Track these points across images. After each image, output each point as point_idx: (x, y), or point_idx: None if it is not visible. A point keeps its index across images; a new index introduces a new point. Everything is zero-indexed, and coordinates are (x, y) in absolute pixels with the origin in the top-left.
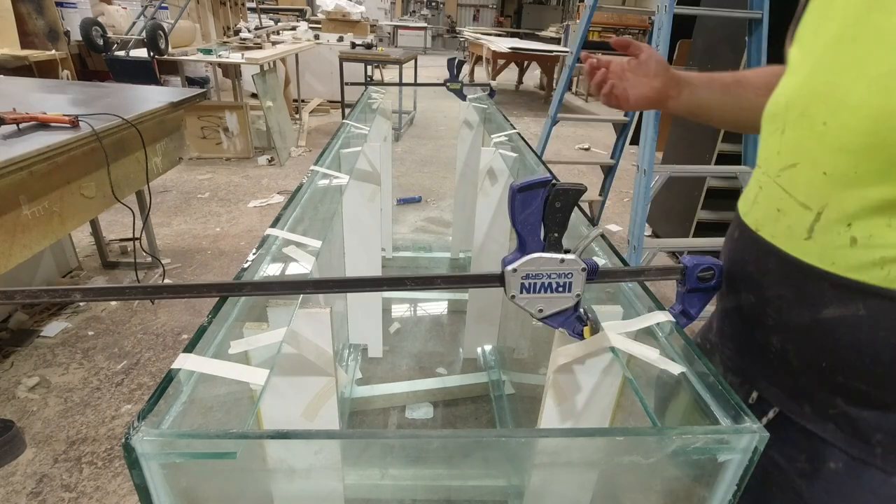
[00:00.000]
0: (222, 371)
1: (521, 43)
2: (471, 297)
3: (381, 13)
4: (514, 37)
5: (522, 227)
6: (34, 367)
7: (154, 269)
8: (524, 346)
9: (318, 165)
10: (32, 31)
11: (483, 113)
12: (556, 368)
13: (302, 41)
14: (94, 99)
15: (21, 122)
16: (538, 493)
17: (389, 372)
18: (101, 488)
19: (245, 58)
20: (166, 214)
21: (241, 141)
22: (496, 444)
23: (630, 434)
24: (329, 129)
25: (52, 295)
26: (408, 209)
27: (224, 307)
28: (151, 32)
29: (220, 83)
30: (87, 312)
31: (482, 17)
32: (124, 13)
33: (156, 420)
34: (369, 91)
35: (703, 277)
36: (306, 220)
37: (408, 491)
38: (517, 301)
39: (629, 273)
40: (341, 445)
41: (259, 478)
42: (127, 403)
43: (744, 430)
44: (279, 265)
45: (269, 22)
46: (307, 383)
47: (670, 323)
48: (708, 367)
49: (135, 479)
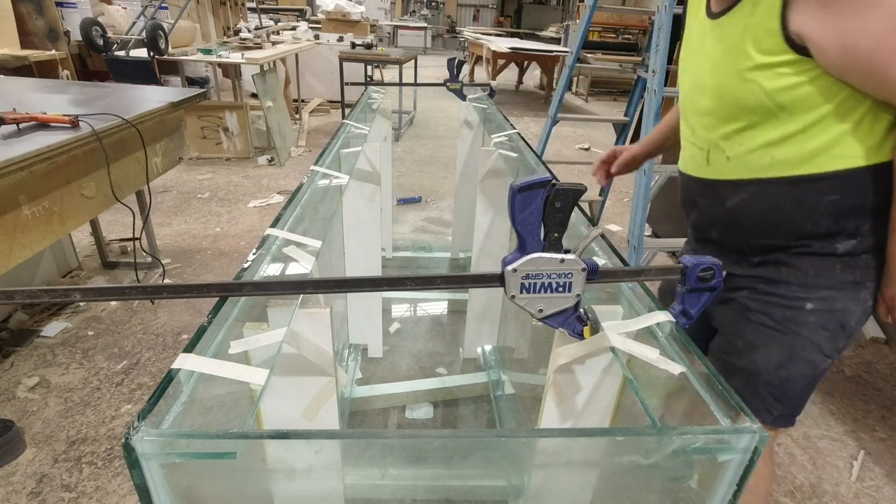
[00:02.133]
0: (222, 371)
1: (521, 43)
2: (471, 297)
3: (381, 13)
4: (514, 37)
5: (522, 227)
6: (34, 367)
7: (154, 269)
8: (524, 346)
9: (318, 165)
10: (32, 31)
11: (483, 113)
12: (556, 368)
13: (302, 41)
14: (94, 99)
15: (21, 122)
16: (538, 493)
17: (389, 372)
18: (101, 488)
19: (245, 58)
20: (166, 214)
21: (241, 141)
22: (496, 444)
23: (630, 434)
24: (329, 129)
25: (52, 295)
26: (408, 209)
27: (224, 307)
28: (151, 32)
29: (220, 83)
30: (87, 312)
31: (482, 17)
32: (124, 13)
33: (156, 420)
34: (369, 91)
35: (703, 277)
36: (306, 220)
37: (408, 491)
38: (517, 301)
39: (629, 273)
40: (341, 445)
41: (259, 478)
42: (127, 403)
43: (744, 430)
44: (279, 265)
45: (269, 22)
46: (307, 383)
47: (670, 323)
48: (708, 368)
49: (135, 479)
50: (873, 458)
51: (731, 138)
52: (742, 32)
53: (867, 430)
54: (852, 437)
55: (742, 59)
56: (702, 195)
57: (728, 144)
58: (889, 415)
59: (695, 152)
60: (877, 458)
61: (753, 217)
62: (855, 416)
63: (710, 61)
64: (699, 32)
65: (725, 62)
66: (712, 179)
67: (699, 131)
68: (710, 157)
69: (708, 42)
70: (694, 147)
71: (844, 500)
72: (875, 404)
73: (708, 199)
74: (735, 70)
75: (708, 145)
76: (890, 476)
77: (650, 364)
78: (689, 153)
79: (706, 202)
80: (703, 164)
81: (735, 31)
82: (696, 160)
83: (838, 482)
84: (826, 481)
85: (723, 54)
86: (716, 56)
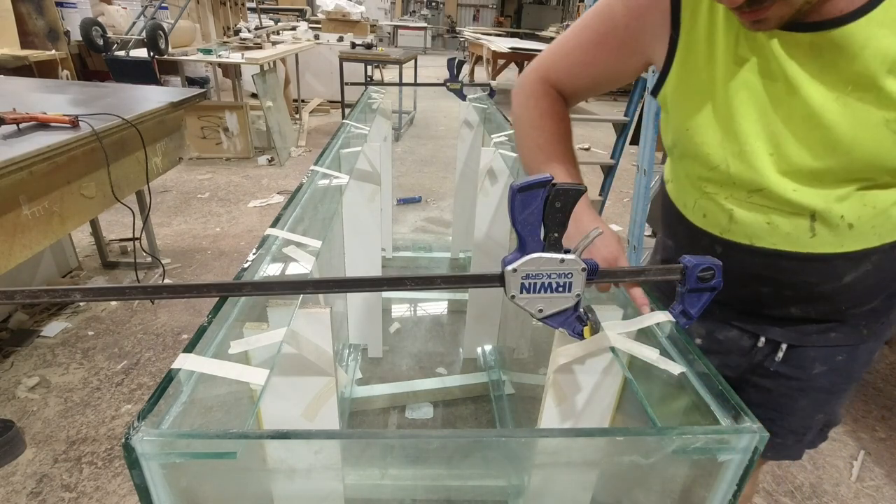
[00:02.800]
0: (222, 371)
1: (521, 43)
2: (471, 297)
3: (381, 13)
4: (513, 37)
5: (522, 227)
6: (34, 367)
7: (154, 269)
8: (524, 346)
9: (318, 165)
10: (32, 31)
11: (483, 113)
12: (556, 368)
13: (302, 41)
14: (94, 99)
15: (21, 122)
16: (538, 493)
17: (389, 372)
18: (101, 488)
19: (245, 58)
20: (166, 214)
21: (241, 141)
22: (496, 444)
23: (630, 434)
24: (329, 129)
25: (52, 295)
26: (408, 209)
27: (224, 307)
28: (151, 32)
29: (220, 83)
30: (87, 312)
31: (482, 17)
32: (124, 13)
33: (156, 420)
34: (369, 91)
35: (703, 277)
36: (306, 220)
37: (408, 491)
38: (517, 301)
39: (629, 273)
40: (341, 445)
41: (259, 478)
42: (127, 403)
43: (744, 430)
44: (279, 265)
45: (269, 22)
46: (307, 383)
47: (670, 323)
48: (708, 368)
49: (135, 479)
50: (873, 458)
51: (848, 199)
52: (880, 57)
53: (867, 430)
54: (852, 437)
55: (884, 102)
56: (800, 273)
57: (847, 208)
58: (889, 415)
59: (777, 220)
60: (877, 458)
61: (871, 287)
62: (855, 416)
63: (806, 99)
64: (747, 49)
65: (848, 104)
66: (823, 254)
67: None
68: (817, 226)
69: (790, 67)
70: (772, 213)
71: (844, 500)
72: (875, 404)
73: (814, 277)
74: (875, 119)
75: (810, 211)
76: (890, 476)
77: (650, 364)
78: (762, 220)
79: (809, 280)
80: (804, 235)
81: (867, 54)
82: (781, 230)
83: (838, 482)
84: (826, 481)
85: (844, 90)
86: (824, 92)
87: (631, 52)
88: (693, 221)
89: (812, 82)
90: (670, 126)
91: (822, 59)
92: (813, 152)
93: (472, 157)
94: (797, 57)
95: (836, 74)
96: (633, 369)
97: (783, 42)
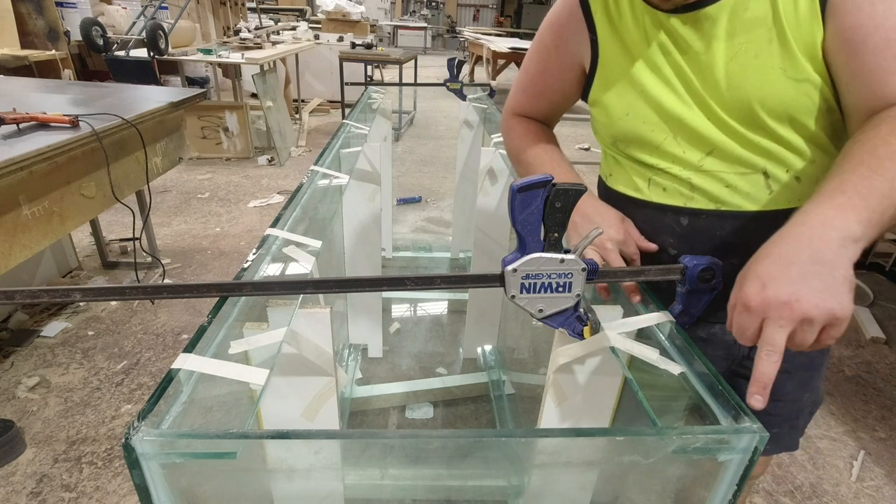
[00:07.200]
0: (222, 371)
1: (521, 43)
2: (471, 297)
3: (381, 13)
4: (513, 37)
5: (522, 227)
6: (34, 367)
7: (154, 269)
8: (524, 346)
9: (318, 165)
10: (32, 31)
11: (483, 113)
12: (556, 368)
13: (302, 41)
14: (94, 99)
15: (21, 122)
16: (538, 493)
17: (389, 372)
18: (101, 488)
19: (245, 58)
20: (166, 214)
21: (241, 141)
22: (496, 444)
23: (630, 434)
24: (329, 129)
25: (52, 295)
26: (408, 209)
27: (224, 307)
28: (151, 32)
29: (220, 83)
30: (87, 312)
31: (482, 17)
32: (124, 13)
33: (156, 420)
34: (369, 91)
35: (704, 277)
36: (306, 220)
37: (408, 491)
38: (517, 301)
39: (629, 273)
40: (341, 445)
41: (259, 478)
42: (127, 403)
43: (744, 430)
44: (279, 265)
45: (269, 22)
46: (307, 383)
47: (670, 323)
48: (708, 368)
49: (135, 479)
50: (873, 458)
51: (788, 153)
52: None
53: (867, 430)
54: (852, 437)
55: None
56: (767, 235)
57: (792, 161)
58: (889, 415)
59: (735, 181)
60: (877, 458)
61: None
62: (855, 416)
63: None
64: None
65: (747, 62)
66: (783, 210)
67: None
68: (772, 182)
69: (692, 40)
70: (728, 175)
71: (844, 500)
72: (875, 404)
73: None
74: (770, 68)
75: (761, 168)
76: (890, 476)
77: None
78: (720, 185)
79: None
80: (762, 193)
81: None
82: (741, 190)
83: (838, 482)
84: (826, 481)
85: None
86: (725, 54)
87: (569, 67)
88: (654, 200)
89: (712, 49)
90: (605, 123)
91: (716, 28)
92: (738, 111)
93: (471, 157)
94: (698, 29)
95: (728, 39)
96: (633, 369)
97: (682, 19)
